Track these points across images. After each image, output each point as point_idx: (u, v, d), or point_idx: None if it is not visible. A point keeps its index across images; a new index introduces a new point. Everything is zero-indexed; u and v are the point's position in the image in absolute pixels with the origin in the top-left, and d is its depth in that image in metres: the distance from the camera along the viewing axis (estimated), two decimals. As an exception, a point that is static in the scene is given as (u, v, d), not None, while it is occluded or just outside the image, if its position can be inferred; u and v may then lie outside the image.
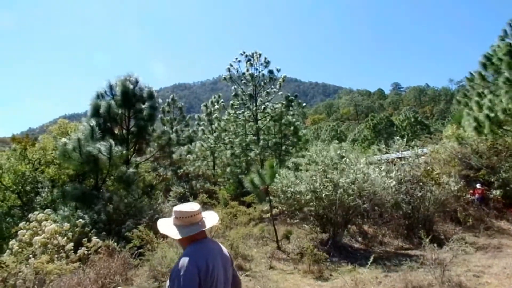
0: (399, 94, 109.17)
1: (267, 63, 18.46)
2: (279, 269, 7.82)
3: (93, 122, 12.16)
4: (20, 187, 13.50)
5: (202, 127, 21.42)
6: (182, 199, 18.47)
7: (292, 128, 18.08)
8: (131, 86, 13.36)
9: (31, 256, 7.32)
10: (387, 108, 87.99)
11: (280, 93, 18.54)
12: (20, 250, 7.82)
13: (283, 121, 18.04)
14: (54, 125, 15.49)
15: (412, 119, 45.34)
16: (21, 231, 8.38)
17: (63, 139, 11.60)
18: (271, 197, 10.40)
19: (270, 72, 18.41)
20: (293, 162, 12.79)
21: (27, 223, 8.55)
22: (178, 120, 24.72)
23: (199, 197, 10.39)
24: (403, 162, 10.93)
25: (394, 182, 9.76)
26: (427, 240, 6.36)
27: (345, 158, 10.16)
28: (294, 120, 18.36)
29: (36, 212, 8.99)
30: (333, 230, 9.36)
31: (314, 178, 9.50)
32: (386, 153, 12.92)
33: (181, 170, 20.18)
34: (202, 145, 19.23)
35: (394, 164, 10.91)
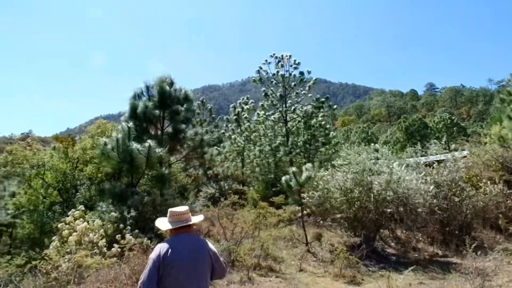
0: (433, 95, 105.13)
1: (297, 64, 18.38)
2: (309, 271, 7.77)
3: (130, 123, 12.61)
4: (61, 185, 14.20)
5: (232, 128, 21.62)
6: (212, 199, 18.73)
7: (322, 130, 17.91)
8: (167, 87, 13.70)
9: (69, 250, 7.70)
10: (420, 109, 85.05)
11: (310, 94, 18.44)
12: (60, 245, 8.24)
13: (312, 122, 17.91)
14: (91, 126, 16.19)
15: (448, 121, 43.51)
16: (61, 224, 8.86)
17: (103, 139, 12.10)
18: (302, 199, 10.36)
19: (301, 73, 18.29)
20: (325, 163, 12.66)
21: (66, 218, 9.01)
22: (208, 121, 25.09)
23: (230, 197, 10.47)
24: (440, 165, 10.52)
25: (431, 187, 9.42)
26: (470, 248, 6.09)
27: (379, 161, 9.95)
28: (324, 122, 18.17)
29: (73, 210, 9.46)
30: (365, 234, 9.19)
31: (346, 180, 9.37)
32: (422, 156, 12.50)
33: (211, 171, 20.45)
34: (231, 146, 19.43)
35: (432, 168, 10.52)
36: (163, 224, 2.99)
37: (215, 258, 2.96)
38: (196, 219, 3.10)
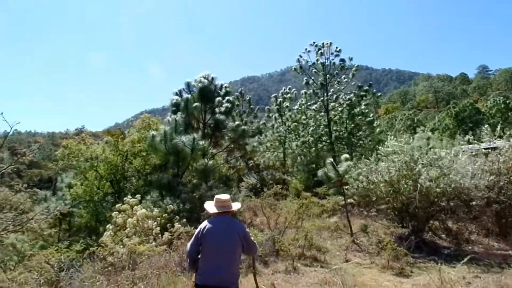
0: (486, 78, 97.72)
1: (338, 51, 17.91)
2: (355, 262, 7.64)
3: (176, 117, 13.20)
4: (112, 176, 15.07)
5: (273, 118, 21.61)
6: (253, 189, 18.93)
7: (365, 118, 17.40)
8: (207, 83, 14.19)
9: (124, 238, 8.18)
10: (472, 94, 79.56)
11: (353, 83, 17.94)
12: (114, 233, 8.77)
13: (355, 111, 17.45)
14: (138, 120, 16.94)
15: (503, 105, 40.38)
16: (114, 213, 9.41)
17: (152, 132, 12.71)
18: (345, 189, 10.18)
19: (342, 61, 17.82)
20: (369, 153, 12.32)
21: (121, 205, 9.55)
22: (247, 113, 25.23)
23: (272, 188, 10.52)
24: (495, 153, 9.78)
25: (486, 177, 8.82)
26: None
27: (428, 149, 9.47)
28: (367, 110, 17.62)
29: (129, 197, 10.02)
30: (413, 225, 8.85)
31: (392, 169, 9.04)
32: (475, 143, 11.70)
33: (252, 162, 20.64)
34: (272, 136, 19.45)
35: (486, 156, 9.81)
36: (210, 206, 3.69)
37: (245, 237, 3.50)
38: (235, 206, 3.73)
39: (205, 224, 3.49)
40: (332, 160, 12.86)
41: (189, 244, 3.50)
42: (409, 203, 8.64)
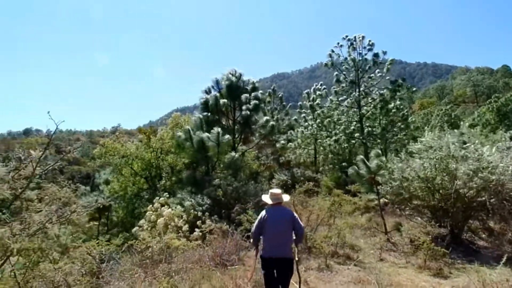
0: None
1: (371, 45, 17.44)
2: (390, 262, 7.48)
3: (201, 115, 13.44)
4: (147, 172, 15.61)
5: (304, 115, 21.44)
6: (284, 186, 18.90)
7: (400, 114, 16.87)
8: (235, 80, 14.29)
9: (158, 232, 8.45)
10: (515, 87, 74.94)
11: (387, 77, 17.42)
12: (150, 228, 9.09)
13: (389, 107, 16.96)
14: (170, 118, 17.40)
15: (550, 99, 37.76)
16: (149, 212, 9.77)
17: (178, 132, 13.01)
18: (378, 187, 9.96)
19: (375, 55, 17.33)
20: (403, 149, 11.97)
21: (152, 206, 9.91)
22: (279, 110, 25.19)
23: (304, 185, 10.46)
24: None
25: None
26: None
27: (465, 145, 9.06)
28: (402, 105, 17.07)
29: (158, 197, 10.35)
30: (451, 224, 8.52)
31: (427, 167, 8.73)
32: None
33: (283, 158, 20.61)
34: (303, 133, 19.30)
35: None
36: (266, 198, 4.74)
37: (294, 220, 4.47)
38: (285, 198, 4.76)
39: (264, 213, 4.51)
40: (363, 157, 12.61)
41: (253, 228, 4.57)
42: (446, 201, 8.33)
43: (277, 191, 4.65)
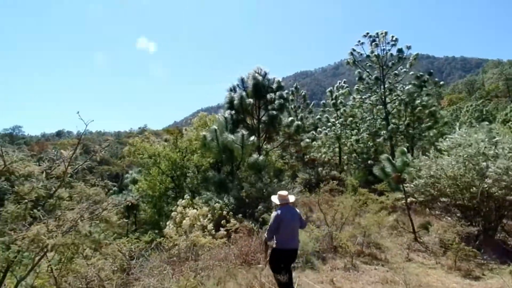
0: None
1: (394, 41, 17.05)
2: (418, 262, 7.32)
3: (227, 114, 13.54)
4: (173, 172, 15.93)
5: (327, 114, 21.23)
6: (308, 185, 18.78)
7: (427, 110, 16.39)
8: (260, 78, 14.27)
9: (184, 231, 8.61)
10: (552, 80, 70.99)
11: (411, 73, 16.99)
12: (176, 228, 9.27)
13: (415, 103, 16.51)
14: (195, 118, 17.67)
15: None
16: (173, 213, 9.98)
17: (204, 132, 13.17)
18: (405, 185, 9.73)
19: (399, 51, 16.95)
20: (431, 147, 11.63)
21: (176, 207, 10.11)
22: (302, 108, 25.03)
23: (329, 184, 10.37)
24: None
25: None
26: None
27: (496, 142, 8.71)
28: (429, 101, 16.58)
29: (181, 199, 10.53)
30: (483, 224, 8.23)
31: (456, 165, 8.46)
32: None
33: (307, 157, 20.48)
34: (327, 132, 19.10)
35: None
36: (275, 199, 5.39)
37: (301, 218, 5.38)
38: (291, 199, 5.39)
39: (277, 212, 5.13)
40: (387, 155, 12.36)
41: (269, 226, 5.13)
42: (477, 201, 8.04)
43: (284, 193, 5.34)
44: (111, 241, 6.69)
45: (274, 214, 5.15)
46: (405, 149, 12.78)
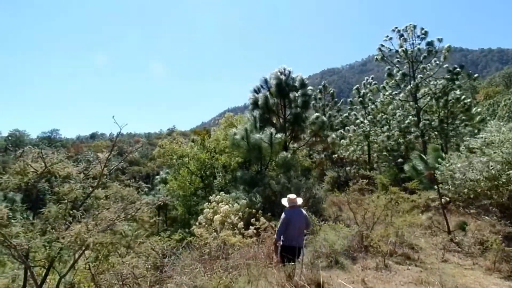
0: None
1: (424, 34, 16.55)
2: (454, 262, 7.06)
3: (255, 114, 13.62)
4: (202, 172, 16.21)
5: (355, 112, 20.87)
6: (336, 183, 18.56)
7: (460, 105, 15.76)
8: (283, 78, 14.30)
9: (215, 229, 8.75)
10: None
11: (445, 65, 16.38)
12: (207, 225, 9.42)
13: (448, 97, 15.90)
14: (223, 119, 17.91)
15: None
16: (206, 209, 10.13)
17: (233, 130, 13.31)
18: (439, 184, 9.41)
19: (429, 44, 16.41)
20: (465, 144, 11.18)
21: (209, 203, 10.25)
22: (330, 106, 24.71)
23: (358, 182, 10.20)
24: None
25: None
26: None
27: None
28: (463, 95, 15.93)
29: (214, 195, 10.69)
30: (525, 224, 7.83)
31: (492, 163, 8.07)
32: None
33: (335, 156, 20.22)
34: (355, 130, 18.78)
35: None
36: (284, 202, 5.91)
37: (306, 218, 5.86)
38: (299, 201, 5.90)
39: (285, 213, 5.69)
40: (418, 152, 11.98)
41: (279, 227, 5.68)
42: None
43: (293, 196, 5.90)
44: (144, 239, 6.92)
45: (282, 216, 5.72)
46: (438, 146, 12.36)
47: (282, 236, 5.61)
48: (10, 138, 72.72)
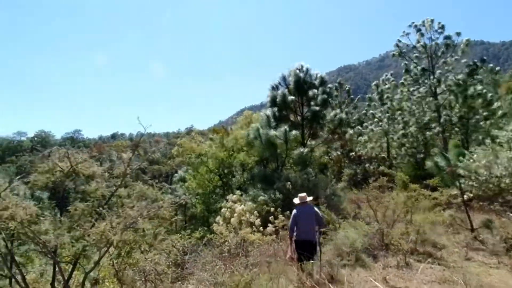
0: None
1: (441, 28, 16.22)
2: (478, 261, 6.91)
3: (269, 112, 13.65)
4: (220, 170, 16.35)
5: (372, 109, 20.61)
6: (352, 180, 18.39)
7: (481, 100, 15.33)
8: (302, 75, 14.24)
9: (234, 228, 8.83)
10: None
11: (463, 60, 16.01)
12: (226, 224, 9.52)
13: (468, 92, 15.50)
14: (241, 117, 18.03)
15: None
16: (223, 209, 10.24)
17: (246, 130, 13.40)
18: (461, 180, 9.21)
19: (447, 38, 16.10)
20: (491, 136, 10.88)
21: (226, 202, 10.35)
22: (346, 103, 24.46)
23: (376, 180, 10.11)
24: None
25: None
26: None
27: None
28: (484, 90, 15.51)
29: (231, 194, 10.78)
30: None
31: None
32: None
33: (353, 153, 20.03)
34: (374, 127, 18.55)
35: None
36: (296, 200, 6.39)
37: (317, 216, 6.18)
38: (308, 199, 6.33)
39: (295, 210, 6.20)
40: (439, 148, 11.74)
41: (290, 222, 6.17)
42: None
43: (303, 194, 6.40)
44: (165, 236, 7.06)
45: (292, 213, 6.24)
46: (459, 142, 12.09)
47: (294, 232, 6.03)
48: (36, 138, 75.09)
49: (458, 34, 15.87)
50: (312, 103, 14.00)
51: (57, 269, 5.51)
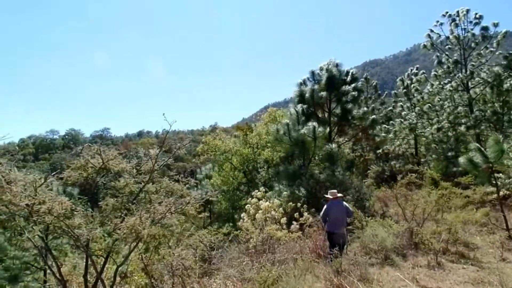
0: None
1: (478, 19, 15.55)
2: (515, 262, 6.60)
3: (298, 108, 13.53)
4: (244, 167, 16.45)
5: (400, 104, 20.06)
6: (379, 178, 18.01)
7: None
8: (334, 71, 14.03)
9: (259, 224, 8.83)
10: None
11: (498, 52, 15.29)
12: (251, 220, 9.54)
13: (505, 86, 14.80)
14: (265, 114, 18.01)
15: None
16: (247, 206, 10.26)
17: (276, 125, 13.33)
18: (497, 178, 8.83)
19: (484, 29, 15.40)
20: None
21: (250, 199, 10.36)
22: (373, 99, 23.92)
23: (405, 177, 9.85)
24: None
25: None
26: None
27: None
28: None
29: (256, 191, 10.78)
30: None
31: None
32: None
33: (380, 150, 19.61)
34: (402, 123, 18.06)
35: None
36: (328, 195, 7.15)
37: (348, 209, 7.08)
38: (339, 195, 7.21)
39: (328, 204, 7.02)
40: (477, 144, 11.25)
41: (322, 213, 7.02)
42: None
43: (334, 190, 7.28)
44: (193, 231, 7.17)
45: (324, 207, 7.05)
46: (500, 137, 11.56)
47: (326, 224, 6.87)
48: (67, 137, 78.19)
49: (496, 24, 15.21)
50: (343, 99, 13.77)
51: (89, 262, 5.70)
